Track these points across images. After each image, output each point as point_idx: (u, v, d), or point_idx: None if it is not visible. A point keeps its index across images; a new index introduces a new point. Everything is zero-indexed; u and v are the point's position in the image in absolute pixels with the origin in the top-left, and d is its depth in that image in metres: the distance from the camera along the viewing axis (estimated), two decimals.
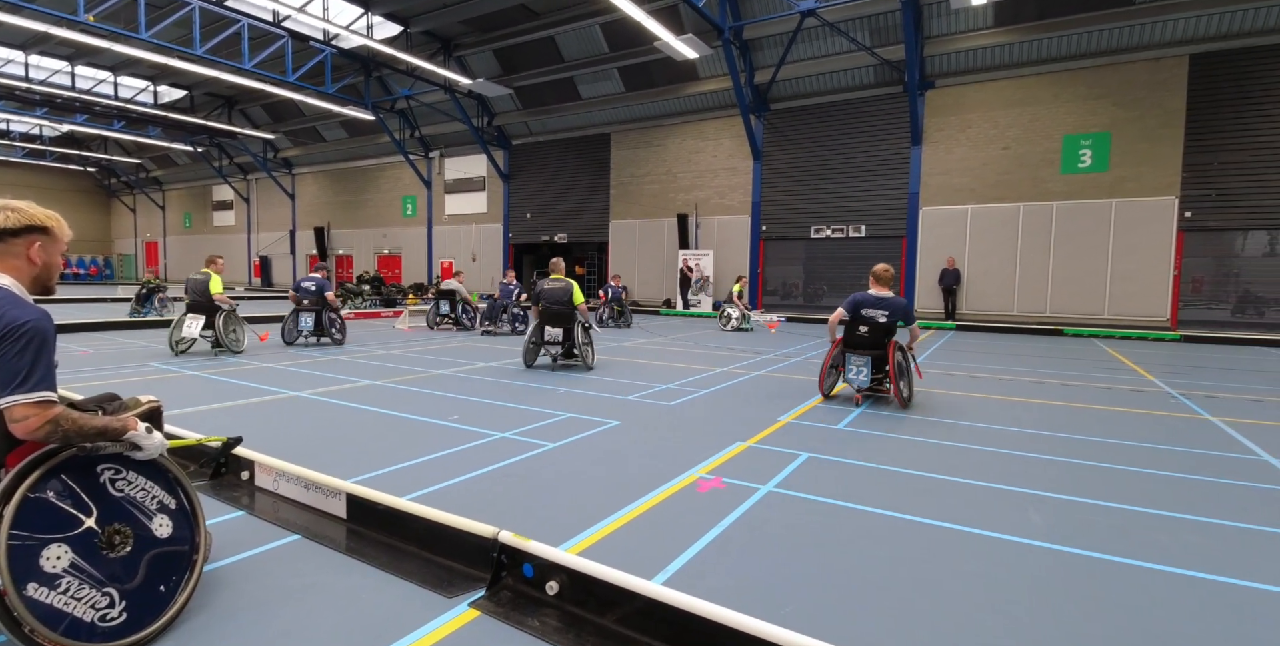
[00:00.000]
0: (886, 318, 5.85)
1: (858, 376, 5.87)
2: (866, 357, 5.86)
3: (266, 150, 31.01)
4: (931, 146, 16.60)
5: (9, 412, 1.78)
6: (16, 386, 1.76)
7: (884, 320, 5.86)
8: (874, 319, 5.89)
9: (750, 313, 14.48)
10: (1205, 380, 7.86)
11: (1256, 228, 13.81)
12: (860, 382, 5.87)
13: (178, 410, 5.07)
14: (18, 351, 1.77)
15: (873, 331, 5.89)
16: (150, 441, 2.05)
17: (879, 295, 5.96)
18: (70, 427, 1.85)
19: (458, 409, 5.42)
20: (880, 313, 5.87)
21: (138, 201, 41.10)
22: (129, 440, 2.01)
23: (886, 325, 5.86)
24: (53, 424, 1.81)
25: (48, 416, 1.81)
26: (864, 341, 5.93)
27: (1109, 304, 14.91)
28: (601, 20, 18.30)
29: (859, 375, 5.86)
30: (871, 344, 5.91)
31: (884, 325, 5.87)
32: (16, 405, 1.77)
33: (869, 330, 5.90)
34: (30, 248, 1.94)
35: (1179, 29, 13.75)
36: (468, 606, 2.22)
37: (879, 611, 2.24)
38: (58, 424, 1.82)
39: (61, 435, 1.85)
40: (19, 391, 1.76)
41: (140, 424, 2.05)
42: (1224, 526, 3.09)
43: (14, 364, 1.76)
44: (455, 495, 3.31)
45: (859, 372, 5.86)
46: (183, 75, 24.61)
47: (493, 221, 25.12)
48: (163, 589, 2.05)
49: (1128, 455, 4.35)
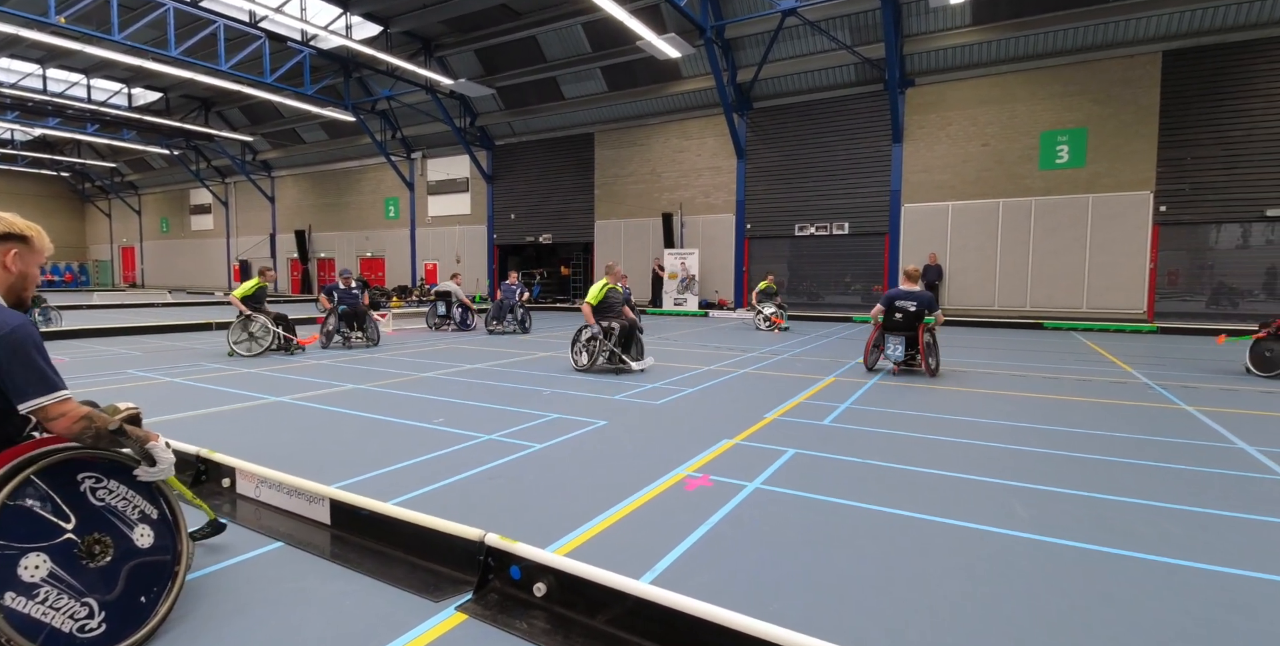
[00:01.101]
0: (916, 307, 7.40)
1: (894, 352, 7.49)
2: (901, 338, 7.46)
3: (245, 153, 30.61)
4: (912, 144, 16.76)
5: (44, 412, 1.84)
6: (40, 388, 1.82)
7: (914, 309, 7.41)
8: (906, 308, 7.44)
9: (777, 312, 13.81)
10: (1182, 371, 8.02)
11: (1229, 220, 14.11)
12: (897, 357, 7.49)
13: (156, 418, 4.99)
14: (24, 355, 1.81)
15: (905, 318, 7.45)
16: (165, 457, 2.08)
17: (909, 290, 7.54)
18: (101, 425, 1.92)
19: (443, 412, 5.39)
20: (911, 303, 7.43)
21: (113, 206, 40.39)
22: (148, 450, 2.04)
23: (917, 312, 7.40)
24: (86, 420, 1.89)
25: (80, 413, 1.88)
26: (899, 326, 7.51)
27: (1087, 297, 15.15)
28: (583, 20, 18.26)
29: (895, 351, 7.48)
30: (905, 327, 7.48)
31: (915, 313, 7.41)
32: (50, 404, 1.84)
33: (903, 317, 7.47)
34: (6, 255, 1.96)
35: (1152, 26, 14.00)
36: (455, 610, 2.21)
37: (865, 605, 2.27)
38: (90, 420, 1.90)
39: (94, 433, 1.91)
40: (45, 393, 1.83)
41: (161, 439, 2.09)
42: (1202, 514, 3.16)
43: (26, 368, 1.81)
44: (441, 498, 3.29)
45: (895, 349, 7.48)
46: (158, 77, 24.22)
47: (477, 222, 24.99)
48: (143, 599, 2.02)
49: (1108, 446, 4.42)
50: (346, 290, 10.20)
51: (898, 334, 7.48)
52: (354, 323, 10.14)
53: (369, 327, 10.25)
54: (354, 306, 10.11)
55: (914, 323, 7.41)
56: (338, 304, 10.09)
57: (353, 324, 10.14)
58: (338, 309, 10.05)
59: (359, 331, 10.18)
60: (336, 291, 10.16)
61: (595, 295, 7.93)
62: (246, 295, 9.02)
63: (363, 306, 10.27)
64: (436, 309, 13.73)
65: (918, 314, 7.39)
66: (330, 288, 10.29)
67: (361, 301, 10.28)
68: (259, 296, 9.18)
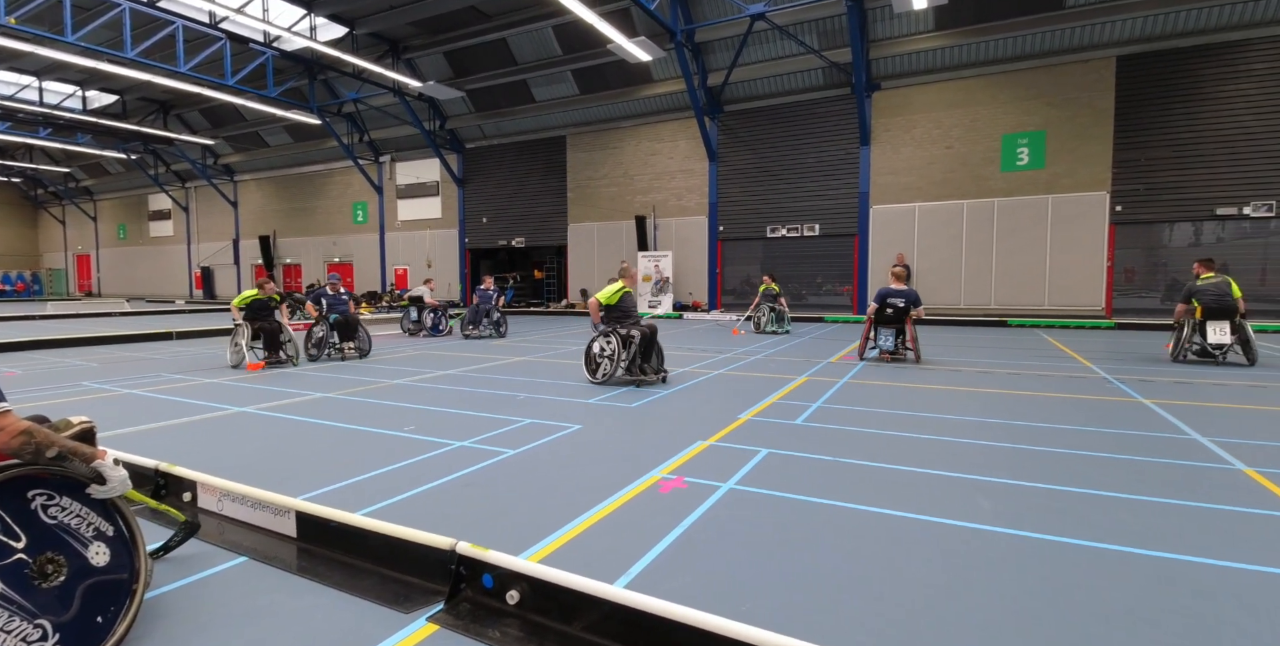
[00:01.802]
0: (904, 303, 8.51)
1: (885, 342, 8.68)
2: (892, 330, 8.67)
3: (206, 156, 29.85)
4: (879, 147, 17.08)
5: None
6: None
7: (902, 305, 8.53)
8: (896, 304, 8.58)
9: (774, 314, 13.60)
10: (1138, 364, 8.29)
11: (1182, 219, 14.66)
12: (888, 346, 8.66)
13: (112, 431, 4.83)
14: None
15: (895, 312, 8.61)
16: (116, 474, 2.00)
17: (898, 288, 8.63)
18: (42, 440, 1.84)
19: (415, 419, 5.32)
20: (899, 300, 8.55)
21: (67, 212, 39.03)
22: (94, 468, 1.96)
23: (904, 308, 8.52)
24: (26, 435, 1.80)
25: (20, 427, 1.79)
26: (889, 319, 8.68)
27: (1049, 295, 15.59)
28: (553, 22, 18.23)
29: (886, 341, 8.67)
30: (895, 320, 8.64)
31: (903, 308, 8.53)
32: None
33: (893, 311, 8.62)
34: None
35: (1106, 32, 14.49)
36: (425, 621, 2.18)
37: (837, 601, 2.29)
38: (31, 435, 1.81)
39: (34, 448, 1.83)
40: None
41: (109, 454, 2.00)
42: (1156, 503, 3.27)
43: None
44: (412, 508, 3.24)
45: (887, 340, 8.68)
46: (113, 79, 23.48)
47: (448, 226, 24.73)
48: (100, 619, 1.96)
49: (1068, 439, 4.55)
50: (336, 296, 9.60)
51: (889, 326, 8.68)
52: (345, 332, 9.49)
53: (361, 337, 9.64)
54: (345, 314, 9.48)
55: (902, 317, 8.58)
56: (326, 312, 9.44)
57: (344, 333, 9.49)
58: (327, 317, 9.37)
59: (349, 341, 9.53)
60: (325, 298, 9.53)
61: (610, 295, 7.20)
62: (241, 306, 8.58)
63: (354, 314, 9.66)
64: (410, 314, 13.64)
65: (905, 309, 8.53)
66: (318, 293, 9.65)
67: (352, 309, 9.72)
68: (257, 307, 8.62)
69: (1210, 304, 8.17)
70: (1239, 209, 13.94)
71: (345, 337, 9.46)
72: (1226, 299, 8.11)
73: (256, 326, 8.54)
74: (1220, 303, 8.12)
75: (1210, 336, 8.20)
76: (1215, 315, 8.18)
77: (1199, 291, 8.28)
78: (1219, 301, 8.13)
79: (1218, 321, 8.18)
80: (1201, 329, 8.30)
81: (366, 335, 9.75)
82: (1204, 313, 8.24)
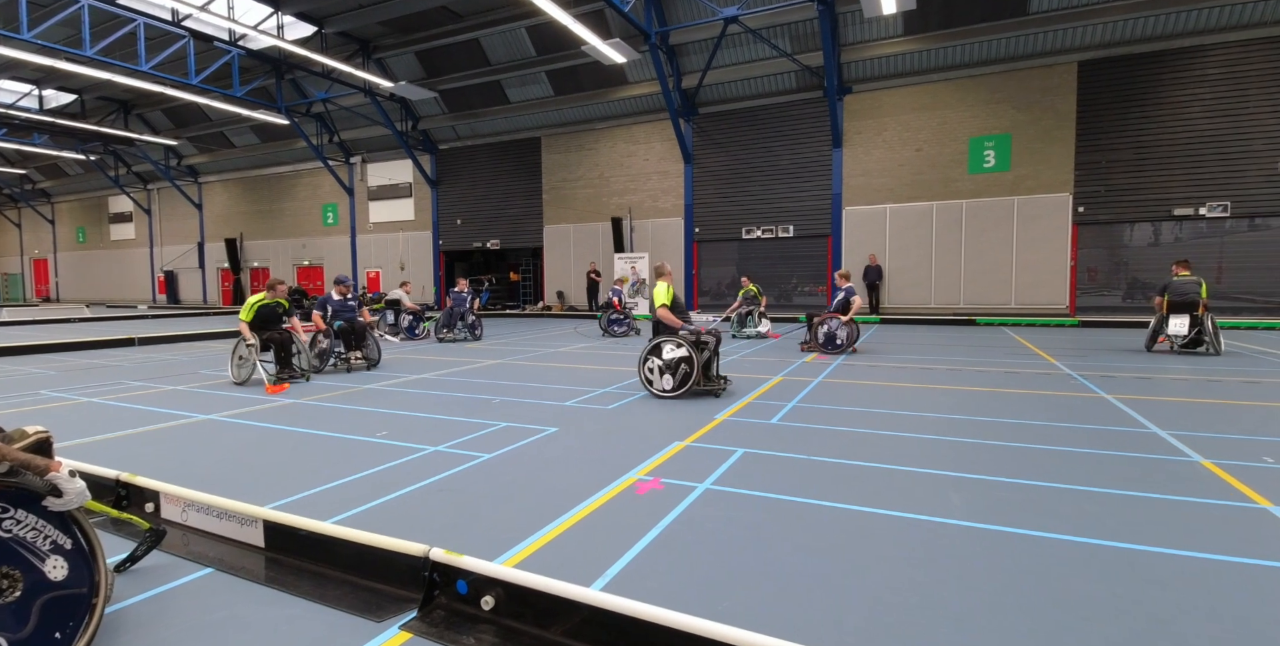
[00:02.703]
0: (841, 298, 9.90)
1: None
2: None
3: (169, 157, 29.07)
4: (851, 149, 17.32)
5: None
6: None
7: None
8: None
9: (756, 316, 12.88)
10: (1101, 361, 8.53)
11: (1142, 220, 15.12)
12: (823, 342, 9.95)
13: (71, 441, 4.68)
14: None
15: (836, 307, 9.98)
16: (73, 487, 1.93)
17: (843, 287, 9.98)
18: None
19: (386, 424, 5.24)
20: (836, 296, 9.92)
21: (23, 215, 37.68)
22: (49, 481, 1.90)
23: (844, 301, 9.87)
24: None
25: None
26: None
27: (1015, 294, 15.96)
28: (527, 23, 18.16)
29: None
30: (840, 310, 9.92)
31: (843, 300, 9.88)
32: None
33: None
34: None
35: (1068, 37, 14.89)
36: (399, 629, 2.14)
37: (812, 598, 2.32)
38: None
39: None
40: None
41: (64, 466, 1.93)
42: (1118, 495, 3.36)
43: None
44: (384, 515, 3.19)
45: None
46: (71, 78, 22.73)
47: (421, 228, 24.43)
48: (59, 635, 1.89)
49: (1034, 434, 4.66)
50: (343, 302, 8.80)
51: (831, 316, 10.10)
52: (352, 341, 8.65)
53: (369, 346, 8.79)
54: (352, 322, 8.66)
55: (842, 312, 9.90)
56: (331, 319, 8.65)
57: (350, 342, 8.64)
58: (333, 325, 8.57)
59: (356, 351, 8.68)
60: (331, 304, 8.75)
61: (667, 295, 6.41)
62: (249, 317, 7.60)
63: (361, 322, 8.78)
64: (385, 317, 13.46)
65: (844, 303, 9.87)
66: (323, 300, 8.86)
67: (361, 316, 8.88)
68: (265, 315, 7.69)
69: (1175, 299, 9.17)
70: (1195, 209, 14.43)
71: (351, 346, 8.67)
72: (1191, 296, 9.06)
73: (265, 336, 7.63)
74: (1184, 298, 9.11)
75: (1170, 327, 9.17)
76: (1178, 309, 9.18)
77: (1171, 287, 9.27)
78: (1183, 297, 9.11)
79: (1179, 315, 9.15)
80: (1165, 320, 9.25)
81: (376, 344, 8.95)
82: (1169, 306, 9.24)
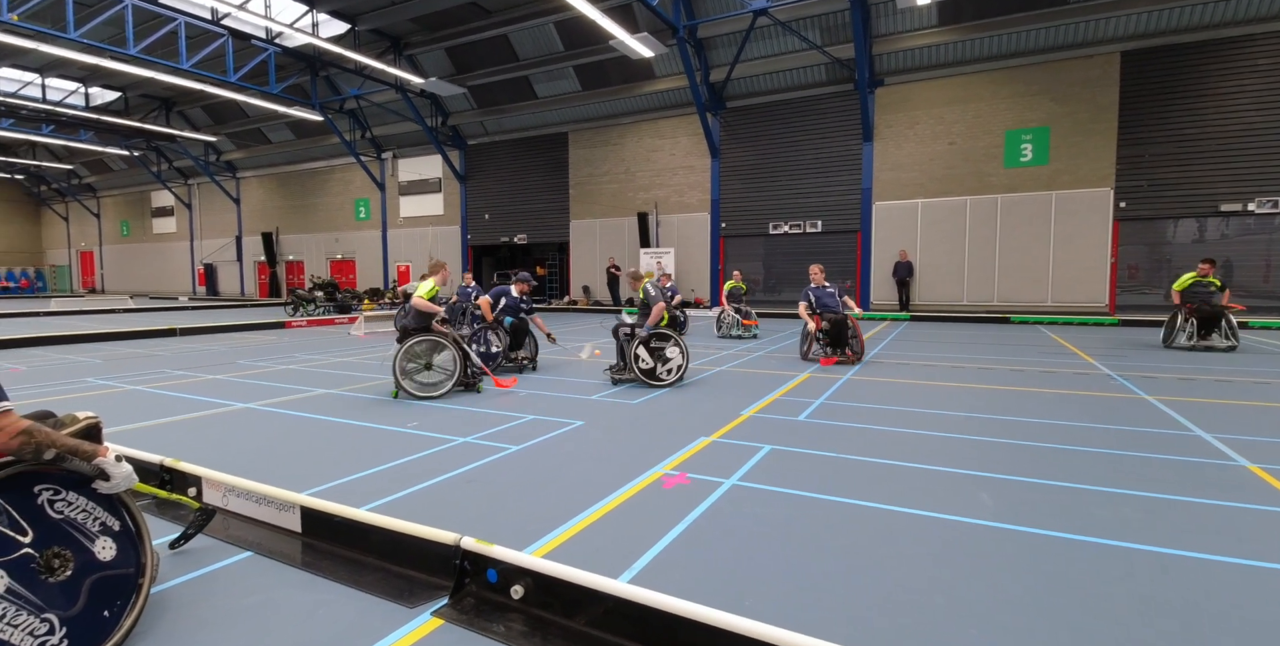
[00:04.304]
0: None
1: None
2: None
3: (208, 153, 29.85)
4: (882, 143, 17.03)
5: None
6: None
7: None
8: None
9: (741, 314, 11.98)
10: (1142, 361, 8.27)
11: (1185, 215, 14.59)
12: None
13: (118, 427, 4.85)
14: None
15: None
16: (119, 471, 2.00)
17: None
18: (43, 439, 1.83)
19: (417, 415, 5.33)
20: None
21: (70, 209, 39.08)
22: (97, 466, 1.97)
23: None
24: (26, 434, 1.80)
25: (20, 426, 1.79)
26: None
27: (1051, 291, 15.55)
28: (555, 18, 18.19)
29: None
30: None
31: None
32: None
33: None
34: None
35: (1111, 27, 14.41)
36: (430, 615, 2.19)
37: (838, 596, 2.30)
38: (31, 435, 1.81)
39: (34, 447, 1.83)
40: None
41: (110, 451, 2.00)
42: (1160, 499, 3.26)
43: None
44: (416, 503, 3.26)
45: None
46: (116, 76, 23.48)
47: (450, 223, 24.73)
48: (106, 614, 1.97)
49: (1070, 435, 4.54)
50: (519, 299, 7.88)
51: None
52: (517, 339, 7.84)
53: (531, 345, 8.00)
54: (524, 321, 7.86)
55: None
56: (500, 313, 7.75)
57: (516, 340, 7.82)
58: (503, 322, 7.72)
59: (520, 350, 7.85)
60: (506, 297, 7.77)
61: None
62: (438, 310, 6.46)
63: (524, 319, 7.89)
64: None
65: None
66: (500, 291, 7.85)
67: (537, 323, 8.02)
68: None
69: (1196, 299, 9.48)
70: (1243, 205, 13.88)
71: (516, 345, 7.88)
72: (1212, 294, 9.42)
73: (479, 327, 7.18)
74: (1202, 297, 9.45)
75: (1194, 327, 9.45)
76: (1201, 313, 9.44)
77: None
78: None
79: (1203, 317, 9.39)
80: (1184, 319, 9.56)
81: (535, 343, 8.20)
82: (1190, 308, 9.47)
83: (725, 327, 12.03)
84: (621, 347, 6.99)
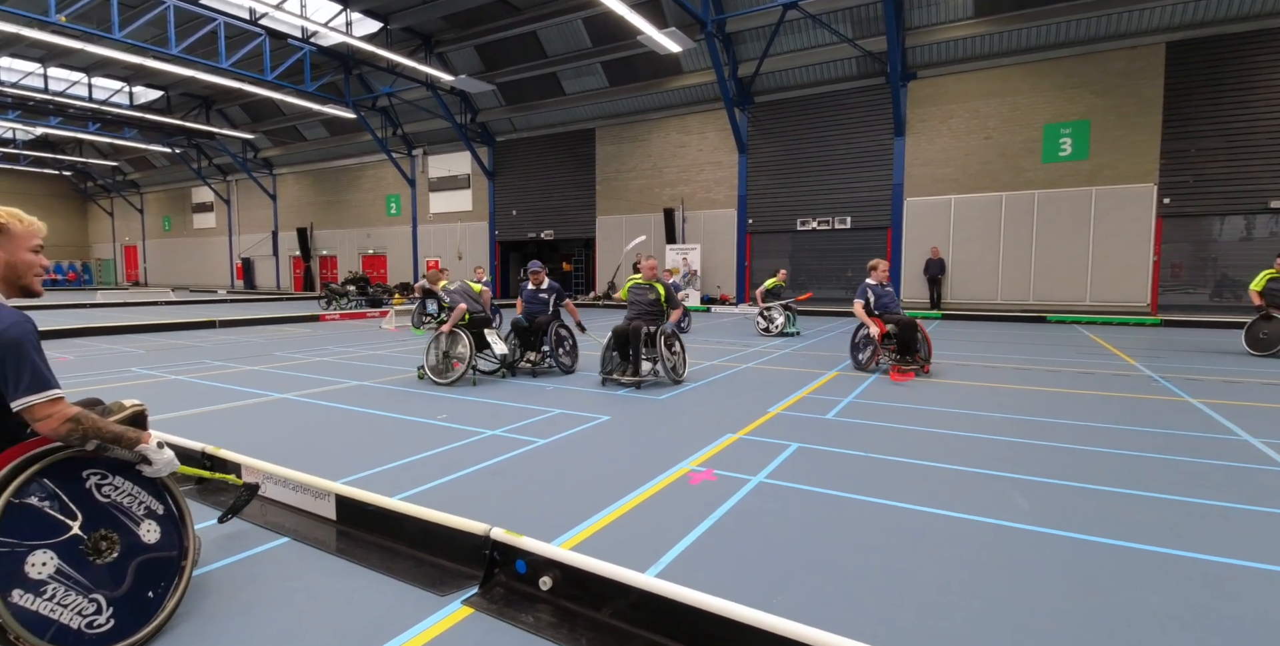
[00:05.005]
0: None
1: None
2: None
3: (246, 150, 30.62)
4: (914, 137, 16.70)
5: (30, 413, 1.80)
6: (29, 387, 1.79)
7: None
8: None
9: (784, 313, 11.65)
10: (1185, 363, 8.00)
11: (1232, 213, 14.04)
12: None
13: (162, 415, 5.01)
14: (18, 353, 1.78)
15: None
16: (161, 457, 2.06)
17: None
18: (90, 426, 1.89)
19: (446, 408, 5.40)
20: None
21: (115, 205, 40.46)
22: (140, 452, 2.03)
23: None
24: (74, 421, 1.85)
25: (69, 414, 1.84)
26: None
27: (1090, 290, 15.11)
28: (583, 14, 18.21)
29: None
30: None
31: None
32: (36, 404, 1.79)
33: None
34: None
35: (1155, 17, 13.91)
36: (460, 604, 2.22)
37: (867, 596, 2.27)
38: (79, 422, 1.86)
39: (81, 434, 1.88)
40: (34, 391, 1.79)
41: (153, 438, 2.06)
42: (1204, 505, 3.15)
43: (19, 365, 1.78)
44: (446, 494, 3.30)
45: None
46: (158, 76, 24.22)
47: (478, 219, 24.99)
48: (151, 595, 2.03)
49: (1110, 438, 4.42)
50: (535, 291, 7.25)
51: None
52: (530, 338, 7.21)
53: (561, 345, 7.34)
54: (535, 316, 7.24)
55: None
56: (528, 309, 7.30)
57: (529, 340, 7.22)
58: (520, 322, 7.25)
59: (537, 351, 7.18)
60: (521, 295, 7.39)
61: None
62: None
63: (544, 317, 7.23)
64: (424, 306, 12.27)
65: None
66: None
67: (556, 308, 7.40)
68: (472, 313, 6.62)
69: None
70: None
71: (529, 346, 7.26)
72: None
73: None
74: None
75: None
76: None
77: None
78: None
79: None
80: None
81: (571, 338, 7.48)
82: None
83: (776, 327, 11.52)
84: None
